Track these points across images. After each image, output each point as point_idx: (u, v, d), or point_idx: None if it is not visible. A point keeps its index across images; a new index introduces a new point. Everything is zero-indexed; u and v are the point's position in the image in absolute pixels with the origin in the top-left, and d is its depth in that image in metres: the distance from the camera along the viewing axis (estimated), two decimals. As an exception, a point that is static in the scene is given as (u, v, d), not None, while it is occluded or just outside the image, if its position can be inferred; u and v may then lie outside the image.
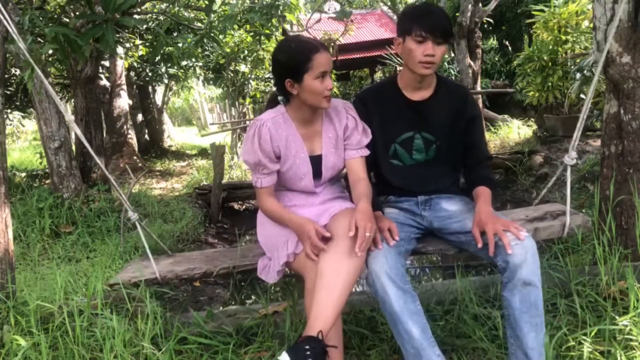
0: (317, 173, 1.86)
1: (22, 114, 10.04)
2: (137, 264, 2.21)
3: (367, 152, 1.88)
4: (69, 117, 2.17)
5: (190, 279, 2.07)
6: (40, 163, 7.06)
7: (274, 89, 1.92)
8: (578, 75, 5.34)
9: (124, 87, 8.70)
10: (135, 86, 10.49)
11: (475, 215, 1.70)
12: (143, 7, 5.53)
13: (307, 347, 1.42)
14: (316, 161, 1.85)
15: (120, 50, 7.82)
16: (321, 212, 1.79)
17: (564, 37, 6.03)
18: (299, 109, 1.81)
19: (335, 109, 1.87)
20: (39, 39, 3.22)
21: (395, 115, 1.91)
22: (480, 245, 1.62)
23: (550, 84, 6.04)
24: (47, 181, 5.85)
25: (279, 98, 1.87)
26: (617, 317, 1.76)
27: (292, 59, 1.69)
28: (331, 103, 1.78)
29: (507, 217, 2.04)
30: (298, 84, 1.70)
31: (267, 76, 9.83)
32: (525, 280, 1.53)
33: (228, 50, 8.83)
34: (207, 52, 9.32)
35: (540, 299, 1.54)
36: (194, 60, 9.25)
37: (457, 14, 8.10)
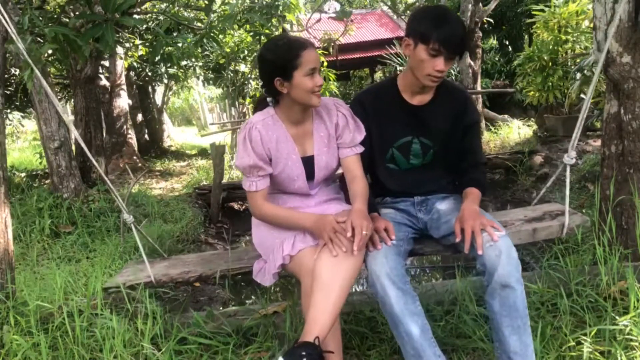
0: (310, 174, 1.83)
1: (22, 114, 10.04)
2: (133, 267, 2.21)
3: (361, 149, 1.84)
4: (68, 118, 2.17)
5: (185, 282, 2.06)
6: (40, 163, 7.05)
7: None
8: (578, 75, 5.34)
9: (124, 87, 8.70)
10: (135, 86, 10.48)
11: (460, 212, 1.70)
12: (143, 7, 5.53)
13: (304, 352, 1.39)
14: (309, 162, 1.82)
15: (120, 50, 7.83)
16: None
17: (564, 37, 6.03)
18: (289, 109, 1.77)
19: (326, 107, 1.83)
20: (38, 39, 3.22)
21: (393, 119, 1.87)
22: (458, 239, 1.61)
23: (550, 84, 6.04)
24: (47, 181, 5.85)
25: (268, 99, 1.83)
26: (617, 317, 1.76)
27: (281, 57, 1.65)
28: (321, 101, 1.75)
29: (506, 216, 2.07)
30: (288, 82, 1.67)
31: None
32: (502, 282, 1.51)
33: (228, 50, 8.83)
34: (207, 52, 9.31)
35: (521, 300, 1.52)
36: (193, 60, 9.25)
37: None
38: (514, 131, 7.70)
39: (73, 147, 5.14)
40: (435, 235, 1.85)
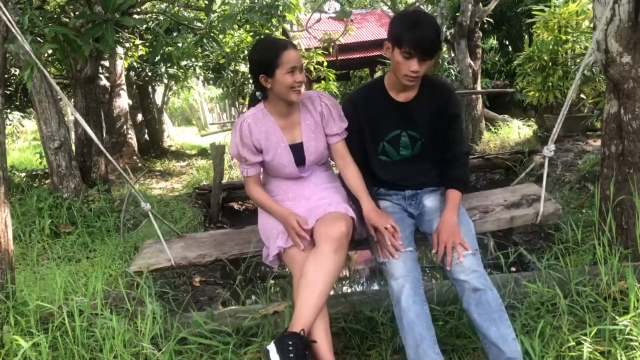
0: (301, 160, 2.03)
1: (22, 114, 10.04)
2: (151, 248, 2.38)
3: (346, 134, 2.04)
4: (78, 115, 2.21)
5: (203, 265, 2.29)
6: (40, 163, 7.05)
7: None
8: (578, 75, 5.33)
9: (124, 87, 8.69)
10: (135, 86, 10.47)
11: (439, 222, 1.86)
12: (143, 7, 5.53)
13: (290, 342, 1.59)
14: (298, 148, 2.02)
15: (120, 50, 7.83)
16: (307, 212, 1.92)
17: (564, 37, 6.03)
18: (275, 103, 1.99)
19: (310, 98, 2.05)
20: (38, 39, 3.22)
21: (383, 115, 2.02)
22: (434, 251, 1.82)
23: (550, 83, 6.03)
24: (47, 181, 5.85)
25: (257, 94, 2.04)
26: (617, 317, 1.76)
27: (264, 57, 1.88)
28: (304, 95, 1.99)
29: (488, 200, 2.30)
30: (271, 79, 1.89)
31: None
32: (473, 287, 1.69)
33: (228, 50, 8.83)
34: (207, 52, 9.31)
35: (493, 299, 1.67)
36: (194, 60, 9.24)
37: (457, 14, 8.10)
38: (514, 131, 7.70)
39: (73, 147, 5.14)
40: (421, 229, 2.01)
